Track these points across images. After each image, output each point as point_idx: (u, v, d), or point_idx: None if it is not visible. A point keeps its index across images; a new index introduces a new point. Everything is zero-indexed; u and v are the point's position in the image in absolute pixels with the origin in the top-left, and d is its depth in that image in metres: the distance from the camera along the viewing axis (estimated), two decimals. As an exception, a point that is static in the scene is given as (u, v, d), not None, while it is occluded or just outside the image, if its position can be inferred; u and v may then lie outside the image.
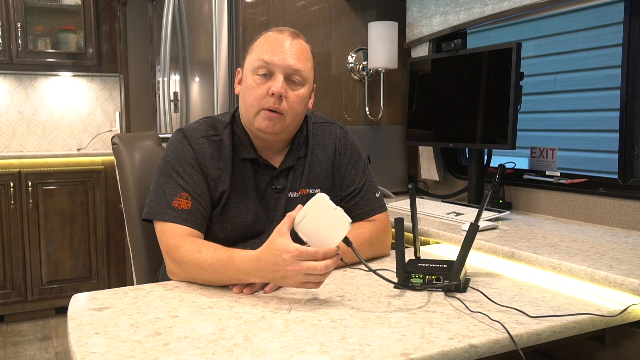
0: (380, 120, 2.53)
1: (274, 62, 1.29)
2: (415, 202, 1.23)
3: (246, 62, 1.36)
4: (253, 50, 1.34)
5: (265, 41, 1.33)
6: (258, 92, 1.30)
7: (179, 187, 1.30)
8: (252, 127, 1.33)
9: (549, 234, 1.60)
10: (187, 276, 1.21)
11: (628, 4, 1.74)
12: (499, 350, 0.90)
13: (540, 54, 2.84)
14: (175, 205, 1.28)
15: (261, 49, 1.32)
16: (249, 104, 1.32)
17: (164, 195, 1.30)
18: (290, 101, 1.31)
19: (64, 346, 3.17)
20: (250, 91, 1.31)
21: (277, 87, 1.28)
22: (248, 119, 1.33)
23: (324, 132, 1.45)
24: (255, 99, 1.30)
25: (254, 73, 1.31)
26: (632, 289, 1.11)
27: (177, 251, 1.23)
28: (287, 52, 1.30)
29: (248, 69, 1.34)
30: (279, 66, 1.29)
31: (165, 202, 1.29)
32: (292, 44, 1.32)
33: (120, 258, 3.81)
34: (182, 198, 1.29)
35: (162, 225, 1.28)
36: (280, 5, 2.33)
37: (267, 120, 1.30)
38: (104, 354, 0.84)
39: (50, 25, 3.86)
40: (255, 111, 1.31)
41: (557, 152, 1.99)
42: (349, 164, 1.45)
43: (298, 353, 0.84)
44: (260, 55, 1.31)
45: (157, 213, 1.29)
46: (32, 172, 3.57)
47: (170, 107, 2.79)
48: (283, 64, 1.29)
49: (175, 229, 1.26)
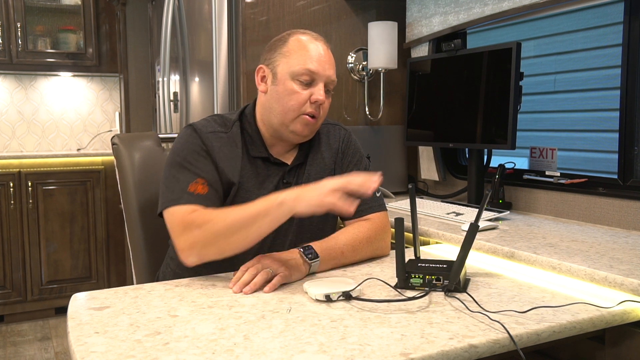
0: (380, 120, 2.53)
1: (319, 72, 1.35)
2: (415, 202, 1.23)
3: (280, 64, 1.37)
4: (291, 54, 1.36)
5: (304, 48, 1.36)
6: (301, 98, 1.34)
7: (193, 174, 1.30)
8: (285, 129, 1.36)
9: (549, 234, 1.60)
10: (208, 235, 1.18)
11: (628, 4, 1.74)
12: (499, 350, 0.90)
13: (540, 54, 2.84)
14: (192, 190, 1.27)
15: (303, 56, 1.35)
16: (289, 108, 1.35)
17: (178, 183, 1.28)
18: (324, 108, 1.39)
19: (64, 346, 3.17)
20: (291, 95, 1.34)
21: (322, 97, 1.35)
22: (282, 121, 1.36)
23: (329, 133, 1.50)
24: (298, 104, 1.35)
25: (295, 78, 1.35)
26: (632, 289, 1.11)
27: (196, 215, 1.21)
28: (327, 63, 1.37)
29: (286, 72, 1.35)
30: (322, 76, 1.36)
31: (179, 189, 1.27)
32: (327, 54, 1.39)
33: (120, 258, 3.81)
34: (199, 183, 1.28)
35: (175, 209, 1.25)
36: (280, 5, 2.33)
37: (305, 124, 1.36)
38: (104, 354, 0.84)
39: (50, 25, 3.86)
40: (294, 115, 1.35)
41: (557, 152, 1.99)
42: (351, 162, 1.48)
43: (298, 353, 0.84)
44: (303, 64, 1.34)
45: (171, 200, 1.27)
46: (32, 172, 3.56)
47: (170, 107, 2.79)
48: (325, 74, 1.36)
49: (191, 209, 1.25)
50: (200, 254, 1.21)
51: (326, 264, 1.28)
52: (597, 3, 1.90)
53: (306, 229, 1.40)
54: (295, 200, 1.14)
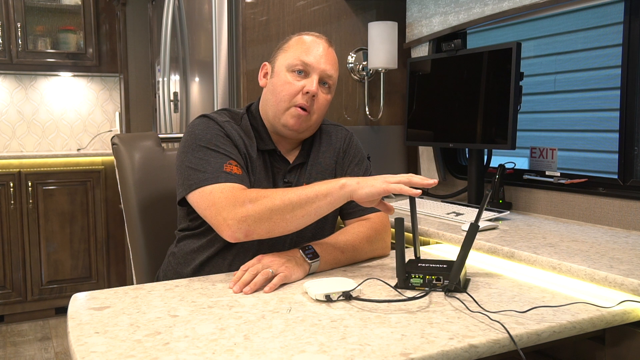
0: (380, 120, 2.53)
1: (312, 63, 1.36)
2: (415, 202, 1.23)
3: (279, 58, 1.40)
4: (289, 49, 1.39)
5: (302, 43, 1.38)
6: (293, 89, 1.35)
7: (224, 156, 1.28)
8: (277, 122, 1.37)
9: (549, 234, 1.60)
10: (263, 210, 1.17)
11: (628, 4, 1.74)
12: (499, 350, 0.90)
13: (540, 54, 2.83)
14: (228, 170, 1.25)
15: (299, 49, 1.37)
16: (281, 98, 1.36)
17: (210, 164, 1.25)
18: (319, 102, 1.37)
19: (64, 346, 3.17)
20: (284, 86, 1.35)
21: (313, 87, 1.34)
22: (275, 112, 1.37)
23: (331, 134, 1.51)
24: (289, 94, 1.35)
25: (290, 70, 1.36)
26: (632, 289, 1.11)
27: (251, 191, 1.20)
28: (324, 57, 1.37)
29: (282, 65, 1.37)
30: (316, 68, 1.36)
31: (213, 169, 1.24)
32: (328, 52, 1.39)
33: (120, 258, 3.81)
34: (232, 165, 1.27)
35: (216, 186, 1.21)
36: (280, 5, 2.33)
37: (296, 117, 1.35)
38: (104, 354, 0.84)
39: (50, 25, 3.86)
40: (286, 106, 1.35)
41: (557, 152, 1.99)
42: (352, 162, 1.49)
43: (298, 353, 0.84)
44: (298, 56, 1.36)
45: (206, 179, 1.23)
46: (32, 172, 3.57)
47: (170, 107, 2.79)
48: (320, 67, 1.36)
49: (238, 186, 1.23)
50: (250, 229, 1.18)
51: (326, 264, 1.28)
52: (597, 3, 1.90)
53: (306, 228, 1.40)
54: (358, 184, 1.18)
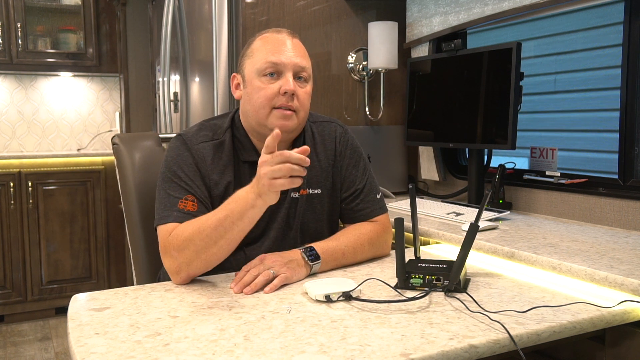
0: (380, 120, 2.53)
1: (282, 61, 1.29)
2: (415, 202, 1.23)
3: (246, 66, 1.34)
4: (253, 53, 1.33)
5: (266, 43, 1.32)
6: (268, 92, 1.29)
7: (183, 190, 1.29)
8: (264, 129, 1.30)
9: (549, 234, 1.60)
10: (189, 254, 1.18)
11: (628, 4, 1.74)
12: (499, 350, 0.90)
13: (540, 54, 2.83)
14: (181, 207, 1.26)
15: (264, 50, 1.31)
16: (259, 105, 1.30)
17: (169, 199, 1.28)
18: (301, 98, 1.31)
19: (64, 346, 3.16)
20: (259, 92, 1.30)
21: (290, 86, 1.28)
22: (258, 120, 1.31)
23: (324, 131, 1.44)
24: (266, 98, 1.29)
25: (261, 74, 1.30)
26: (632, 289, 1.11)
27: (174, 237, 1.21)
28: (292, 51, 1.31)
29: (252, 72, 1.32)
30: (287, 65, 1.30)
31: (169, 205, 1.27)
32: (294, 43, 1.33)
33: (120, 258, 3.81)
34: (188, 200, 1.27)
35: (165, 227, 1.25)
36: (280, 5, 2.33)
37: (282, 118, 1.29)
38: (104, 354, 0.84)
39: (50, 25, 3.86)
40: (267, 112, 1.30)
41: (557, 152, 1.99)
42: (350, 164, 1.44)
43: (298, 353, 0.84)
44: (265, 57, 1.30)
45: (162, 217, 1.27)
46: (32, 172, 3.56)
47: (170, 107, 2.79)
48: (291, 62, 1.30)
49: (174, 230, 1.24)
50: (188, 274, 1.21)
51: (327, 265, 1.28)
52: (597, 3, 1.90)
53: (308, 226, 1.40)
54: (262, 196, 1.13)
